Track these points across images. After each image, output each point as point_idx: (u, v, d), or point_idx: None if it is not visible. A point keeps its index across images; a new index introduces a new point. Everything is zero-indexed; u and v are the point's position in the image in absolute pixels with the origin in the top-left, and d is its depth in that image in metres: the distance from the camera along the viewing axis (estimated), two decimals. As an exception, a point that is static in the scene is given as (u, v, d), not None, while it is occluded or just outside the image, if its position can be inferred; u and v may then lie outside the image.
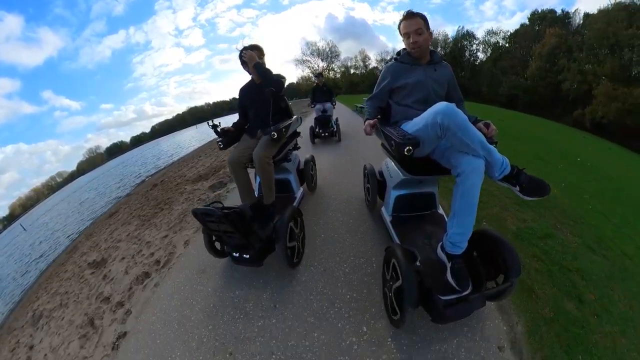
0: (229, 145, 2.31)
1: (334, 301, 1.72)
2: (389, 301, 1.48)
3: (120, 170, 28.02)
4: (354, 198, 3.00)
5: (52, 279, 4.53)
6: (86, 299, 2.68)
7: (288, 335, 1.55)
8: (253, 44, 2.27)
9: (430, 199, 2.02)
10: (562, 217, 2.73)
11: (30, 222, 29.00)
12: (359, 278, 1.87)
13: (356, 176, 3.45)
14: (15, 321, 3.74)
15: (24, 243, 16.63)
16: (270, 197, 2.11)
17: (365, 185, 2.74)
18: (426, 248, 1.63)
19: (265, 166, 2.02)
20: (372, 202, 2.58)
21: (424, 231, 1.79)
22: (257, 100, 2.27)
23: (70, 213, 16.92)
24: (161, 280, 2.27)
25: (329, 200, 3.03)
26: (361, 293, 1.76)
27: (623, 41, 19.23)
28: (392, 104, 1.82)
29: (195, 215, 1.73)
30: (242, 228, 1.71)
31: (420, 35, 1.62)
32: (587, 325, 1.56)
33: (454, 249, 1.35)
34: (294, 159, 2.77)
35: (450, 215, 1.37)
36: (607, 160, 9.97)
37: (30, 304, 4.04)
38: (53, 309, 3.01)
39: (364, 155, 4.42)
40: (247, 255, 1.78)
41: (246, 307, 1.78)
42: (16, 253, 14.90)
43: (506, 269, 1.31)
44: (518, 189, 1.28)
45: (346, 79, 51.26)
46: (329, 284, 1.85)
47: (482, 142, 1.25)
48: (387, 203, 2.12)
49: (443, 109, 1.25)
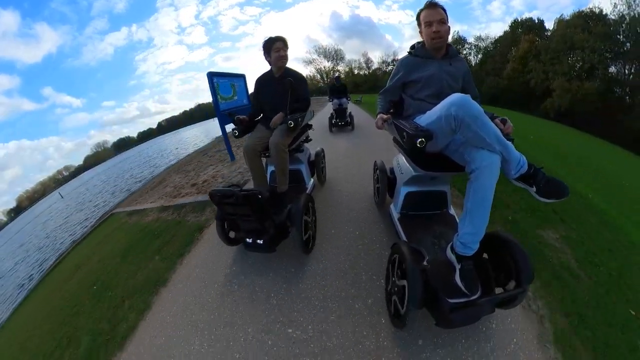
0: (244, 134, 2.38)
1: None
2: (393, 300, 1.42)
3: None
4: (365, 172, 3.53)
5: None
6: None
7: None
8: (277, 36, 2.20)
9: (442, 198, 1.94)
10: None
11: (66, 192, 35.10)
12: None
13: (366, 154, 4.36)
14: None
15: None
16: (284, 185, 2.19)
17: (375, 184, 2.67)
18: (435, 248, 1.56)
19: (281, 153, 2.08)
20: (381, 200, 2.51)
21: (433, 231, 1.72)
22: (275, 92, 2.27)
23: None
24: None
25: (346, 175, 3.64)
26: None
27: (577, 44, 24.11)
28: (405, 98, 1.76)
29: (212, 197, 1.73)
30: (260, 211, 1.72)
31: (444, 25, 1.57)
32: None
33: (464, 249, 1.28)
34: (305, 150, 2.83)
35: (462, 214, 1.29)
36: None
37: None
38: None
39: (374, 141, 5.30)
40: (260, 240, 1.80)
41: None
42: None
43: (518, 275, 1.22)
44: (534, 189, 1.20)
45: (350, 80, 52.57)
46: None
47: (498, 137, 1.18)
48: (396, 200, 2.05)
49: (457, 100, 1.19)
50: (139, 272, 2.39)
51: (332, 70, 56.68)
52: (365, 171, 3.48)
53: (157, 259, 2.50)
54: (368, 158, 3.85)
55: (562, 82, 24.10)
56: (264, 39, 2.22)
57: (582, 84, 23.35)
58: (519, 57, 28.77)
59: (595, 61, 23.38)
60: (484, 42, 38.21)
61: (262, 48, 2.23)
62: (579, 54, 24.13)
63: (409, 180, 1.87)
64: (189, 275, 2.13)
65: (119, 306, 2.07)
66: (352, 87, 46.86)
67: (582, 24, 24.39)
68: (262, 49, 2.24)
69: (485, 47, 37.38)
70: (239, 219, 1.84)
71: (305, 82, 2.38)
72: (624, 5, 22.65)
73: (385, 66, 53.32)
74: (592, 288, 1.72)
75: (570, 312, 1.54)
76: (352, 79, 53.50)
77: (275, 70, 2.29)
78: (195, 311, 1.77)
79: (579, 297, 1.64)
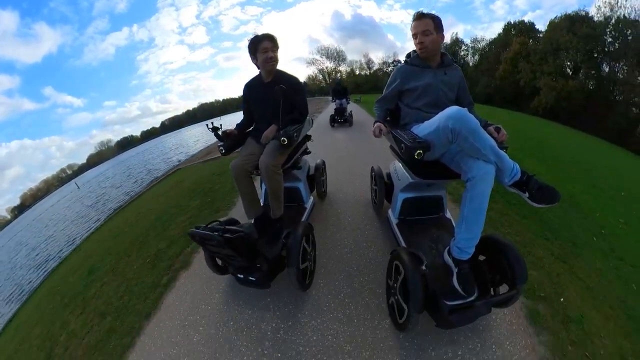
0: (231, 150, 2.05)
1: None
2: (395, 304, 1.47)
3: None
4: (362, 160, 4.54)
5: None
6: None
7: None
8: (264, 34, 1.88)
9: (438, 202, 2.00)
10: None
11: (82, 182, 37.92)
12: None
13: (362, 144, 5.72)
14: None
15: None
16: (279, 211, 1.88)
17: (372, 187, 2.73)
18: (432, 252, 1.62)
19: (273, 176, 1.76)
20: (379, 205, 2.57)
21: (431, 235, 1.78)
22: (264, 100, 1.96)
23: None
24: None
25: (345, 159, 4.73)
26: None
27: (562, 45, 25.35)
28: (402, 106, 1.80)
29: (192, 237, 1.46)
30: (247, 253, 1.49)
31: (427, 36, 1.59)
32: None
33: (461, 254, 1.34)
34: (304, 166, 2.52)
35: (458, 220, 1.35)
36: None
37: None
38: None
39: (368, 135, 6.10)
40: (252, 277, 1.60)
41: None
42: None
43: (512, 276, 1.29)
44: (527, 195, 1.26)
45: (351, 80, 53.13)
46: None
47: (493, 148, 1.24)
48: (394, 206, 2.10)
49: (455, 113, 1.24)
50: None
51: (334, 70, 57.98)
52: (359, 155, 4.82)
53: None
54: (362, 145, 5.56)
55: (548, 81, 25.47)
56: (250, 39, 1.90)
57: (566, 82, 24.77)
58: (510, 59, 29.93)
59: (578, 60, 24.86)
60: (479, 43, 39.19)
61: (248, 49, 1.90)
62: (563, 54, 25.63)
63: (406, 187, 1.93)
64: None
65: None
66: (354, 87, 47.80)
67: (567, 25, 25.42)
68: (248, 50, 1.92)
69: (482, 49, 38.24)
70: (225, 257, 1.63)
71: (302, 88, 2.04)
72: (607, 7, 23.80)
73: (385, 67, 54.00)
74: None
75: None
76: (354, 79, 54.15)
77: (265, 74, 1.97)
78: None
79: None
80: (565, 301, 1.74)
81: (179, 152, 22.68)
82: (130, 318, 1.94)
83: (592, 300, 1.84)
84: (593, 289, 1.94)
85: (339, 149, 5.52)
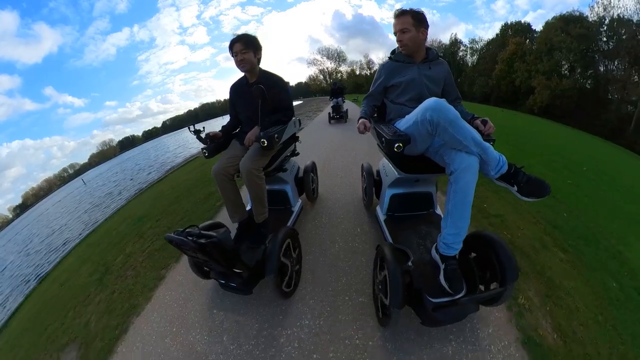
0: (215, 153, 1.99)
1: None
2: (378, 300, 1.44)
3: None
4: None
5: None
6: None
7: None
8: (237, 36, 1.82)
9: (428, 198, 1.97)
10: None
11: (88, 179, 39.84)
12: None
13: (354, 135, 6.21)
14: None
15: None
16: (263, 215, 1.84)
17: (363, 185, 2.69)
18: (420, 249, 1.58)
19: (254, 179, 1.71)
20: (368, 201, 2.53)
21: (420, 231, 1.74)
22: (249, 102, 1.89)
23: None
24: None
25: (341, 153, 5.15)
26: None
27: (556, 45, 26.18)
28: (386, 102, 1.78)
29: (170, 242, 1.41)
30: (222, 259, 1.41)
31: (405, 33, 1.58)
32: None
33: (447, 250, 1.30)
34: (291, 168, 2.43)
35: (444, 215, 1.32)
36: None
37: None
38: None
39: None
40: (233, 283, 1.55)
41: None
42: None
43: (502, 273, 1.24)
44: (516, 189, 1.22)
45: (352, 80, 54.04)
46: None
47: (475, 139, 1.20)
48: (382, 202, 2.07)
49: (432, 104, 1.21)
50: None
51: (334, 71, 59.06)
52: (353, 145, 5.53)
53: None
54: (353, 136, 6.31)
55: (542, 80, 26.25)
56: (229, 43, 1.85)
57: (560, 81, 25.68)
58: (506, 59, 30.71)
59: (572, 60, 25.74)
60: (478, 44, 39.94)
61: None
62: (557, 54, 26.46)
63: (394, 183, 1.90)
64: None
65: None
66: (354, 87, 48.70)
67: (561, 26, 26.20)
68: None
69: (480, 49, 39.01)
70: (204, 263, 1.56)
71: (285, 88, 1.98)
72: (600, 8, 24.47)
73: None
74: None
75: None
76: (355, 79, 54.90)
77: (248, 75, 1.95)
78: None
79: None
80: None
81: (190, 147, 23.16)
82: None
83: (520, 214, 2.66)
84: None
85: (333, 141, 6.46)
